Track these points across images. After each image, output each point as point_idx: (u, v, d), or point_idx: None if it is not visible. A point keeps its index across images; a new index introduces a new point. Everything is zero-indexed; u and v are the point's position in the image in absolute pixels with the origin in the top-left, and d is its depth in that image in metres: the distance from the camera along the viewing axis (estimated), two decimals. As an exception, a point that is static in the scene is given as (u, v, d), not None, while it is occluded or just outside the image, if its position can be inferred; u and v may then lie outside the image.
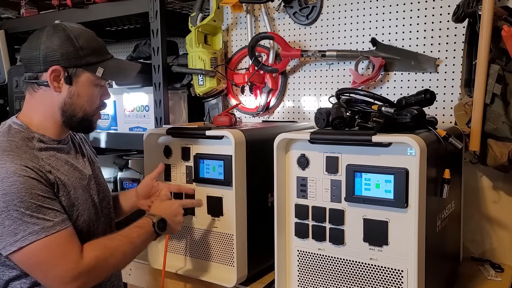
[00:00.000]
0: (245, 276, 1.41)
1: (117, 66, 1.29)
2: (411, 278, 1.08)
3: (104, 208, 1.32)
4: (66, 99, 1.21)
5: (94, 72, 1.21)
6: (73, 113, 1.22)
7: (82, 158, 1.31)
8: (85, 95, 1.22)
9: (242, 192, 1.38)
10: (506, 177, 1.53)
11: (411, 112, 1.15)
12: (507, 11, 1.41)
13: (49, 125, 1.22)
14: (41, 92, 1.21)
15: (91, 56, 1.21)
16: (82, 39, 1.20)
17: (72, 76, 1.19)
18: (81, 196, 1.21)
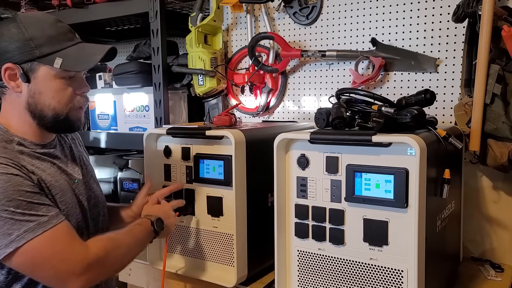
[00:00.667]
0: (245, 276, 1.41)
1: (80, 53, 1.11)
2: (411, 278, 1.08)
3: (94, 215, 1.24)
4: (28, 98, 1.08)
5: (51, 64, 1.06)
6: (42, 113, 1.09)
7: (72, 162, 1.22)
8: (49, 91, 1.08)
9: (242, 192, 1.38)
10: (506, 177, 1.53)
11: (411, 112, 1.15)
12: (507, 11, 1.41)
13: (27, 128, 1.11)
14: (8, 95, 1.10)
15: (45, 46, 1.06)
16: (33, 27, 1.06)
17: (27, 72, 1.06)
18: (70, 199, 1.13)
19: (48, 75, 1.07)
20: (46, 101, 1.08)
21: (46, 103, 1.08)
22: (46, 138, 1.15)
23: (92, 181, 1.27)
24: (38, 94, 1.08)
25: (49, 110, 1.09)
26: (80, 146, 1.32)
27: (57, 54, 1.06)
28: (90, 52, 1.13)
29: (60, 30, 1.10)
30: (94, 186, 1.28)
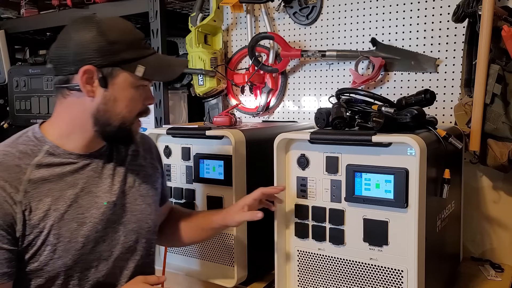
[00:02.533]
0: (245, 276, 1.41)
1: (160, 63, 1.06)
2: (411, 278, 1.08)
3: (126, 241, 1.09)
4: (100, 105, 0.99)
5: (133, 71, 0.99)
6: (108, 121, 1.01)
7: (110, 178, 1.07)
8: (123, 99, 1.00)
9: (242, 192, 1.38)
10: (506, 177, 1.53)
11: (411, 112, 1.15)
12: (507, 11, 1.41)
13: (74, 136, 1.03)
14: (71, 98, 1.01)
15: (128, 52, 0.99)
16: (114, 30, 0.98)
17: (107, 77, 0.98)
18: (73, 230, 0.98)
19: (126, 82, 1.00)
20: (117, 109, 1.00)
21: (117, 111, 1.01)
22: (93, 146, 1.06)
23: (139, 201, 1.13)
24: (112, 101, 1.00)
25: (117, 118, 1.01)
26: (143, 159, 1.19)
27: (139, 62, 1.00)
28: (170, 63, 1.10)
29: (138, 37, 1.03)
30: (140, 208, 1.13)
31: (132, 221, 1.10)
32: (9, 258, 0.92)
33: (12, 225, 0.92)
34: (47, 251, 0.96)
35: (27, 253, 0.95)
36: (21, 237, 0.93)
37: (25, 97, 2.29)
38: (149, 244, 1.15)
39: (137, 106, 1.04)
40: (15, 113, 2.35)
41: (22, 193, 0.94)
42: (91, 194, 1.03)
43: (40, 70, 2.23)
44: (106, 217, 1.04)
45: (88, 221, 1.01)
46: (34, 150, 1.00)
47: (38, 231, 0.95)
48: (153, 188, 1.18)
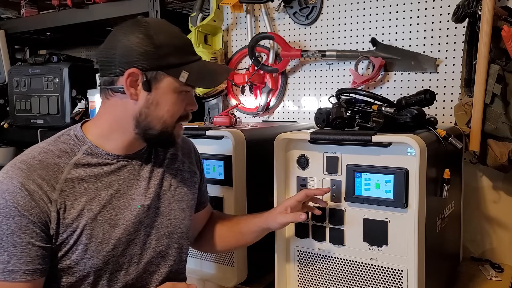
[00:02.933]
0: (245, 276, 1.41)
1: (204, 70, 1.05)
2: (411, 278, 1.08)
3: (158, 246, 1.08)
4: (142, 108, 0.99)
5: (177, 76, 0.99)
6: (150, 125, 1.01)
7: (147, 181, 1.07)
8: (166, 104, 1.00)
9: (242, 192, 1.38)
10: (506, 177, 1.53)
11: (411, 112, 1.15)
12: (507, 11, 1.41)
13: (114, 137, 1.03)
14: (115, 99, 1.01)
15: (173, 57, 0.98)
16: (162, 34, 0.98)
17: (151, 80, 0.98)
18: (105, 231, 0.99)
19: (170, 87, 0.99)
20: (159, 113, 1.00)
21: (159, 115, 1.00)
22: (132, 148, 1.06)
23: (173, 206, 1.12)
24: (154, 105, 0.99)
25: (159, 122, 1.01)
26: (181, 163, 1.17)
27: (184, 67, 0.99)
28: (214, 70, 1.09)
29: (185, 42, 1.03)
30: (174, 212, 1.11)
31: (165, 225, 1.09)
32: (41, 255, 0.93)
33: (46, 223, 0.93)
34: (79, 250, 0.96)
35: (60, 250, 0.96)
36: (55, 235, 0.94)
37: (25, 97, 2.29)
38: (181, 250, 1.14)
39: (178, 111, 1.03)
40: (15, 113, 2.35)
41: (58, 191, 0.95)
42: (125, 196, 1.03)
43: (40, 70, 2.23)
44: (139, 220, 1.04)
45: (120, 223, 1.01)
46: (73, 149, 1.01)
47: (72, 230, 0.95)
48: (189, 193, 1.17)
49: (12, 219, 0.90)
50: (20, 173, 0.93)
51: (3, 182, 0.92)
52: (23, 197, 0.91)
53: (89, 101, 2.09)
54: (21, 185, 0.91)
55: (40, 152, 0.98)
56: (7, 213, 0.90)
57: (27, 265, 0.91)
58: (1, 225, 0.90)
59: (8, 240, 0.90)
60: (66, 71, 2.16)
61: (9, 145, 2.49)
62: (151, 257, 1.07)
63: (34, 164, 0.95)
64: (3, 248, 0.90)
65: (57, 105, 2.18)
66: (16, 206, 0.90)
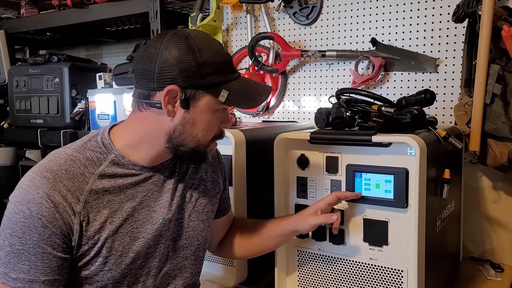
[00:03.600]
0: (245, 276, 1.41)
1: (244, 89, 1.00)
2: (411, 278, 1.08)
3: (176, 258, 1.07)
4: (178, 126, 0.96)
5: (217, 95, 0.95)
6: (183, 142, 0.98)
7: (170, 193, 1.04)
8: (202, 123, 0.96)
9: (242, 192, 1.38)
10: (506, 177, 1.53)
11: (411, 112, 1.15)
12: (507, 11, 1.41)
13: (142, 148, 1.00)
14: (149, 112, 0.97)
15: (215, 75, 0.94)
16: (206, 52, 0.93)
17: (190, 99, 0.94)
18: (126, 244, 0.97)
19: (207, 106, 0.95)
20: (194, 132, 0.97)
21: (193, 134, 0.97)
22: (158, 160, 1.03)
23: (193, 217, 1.09)
24: (191, 123, 0.96)
25: (193, 141, 0.98)
26: (205, 172, 1.14)
27: (224, 87, 0.95)
28: (254, 91, 1.03)
29: (226, 59, 0.99)
30: (193, 224, 1.09)
31: (183, 237, 1.08)
32: (61, 266, 0.93)
33: (69, 235, 0.92)
34: (98, 262, 0.96)
35: (80, 261, 0.96)
36: (77, 246, 0.94)
37: (25, 97, 2.29)
38: (197, 261, 1.13)
39: (213, 130, 1.00)
40: (15, 113, 2.35)
41: (82, 203, 0.93)
42: (148, 208, 1.01)
43: (40, 70, 2.23)
44: (160, 233, 1.02)
45: (141, 236, 0.99)
46: (100, 158, 0.98)
47: (93, 243, 0.94)
48: (210, 203, 1.14)
49: (36, 229, 0.89)
50: (47, 183, 0.91)
51: (29, 191, 0.90)
52: (48, 209, 0.89)
53: (89, 101, 2.09)
54: (47, 196, 0.90)
55: (67, 160, 0.96)
56: (30, 224, 0.89)
57: (46, 276, 0.91)
58: (24, 235, 0.89)
59: (30, 250, 0.89)
60: (66, 71, 2.15)
61: (9, 145, 2.49)
62: (168, 269, 1.06)
63: (61, 173, 0.93)
64: (25, 257, 0.90)
65: (57, 105, 2.18)
66: (41, 217, 0.89)
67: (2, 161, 2.43)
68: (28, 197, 0.90)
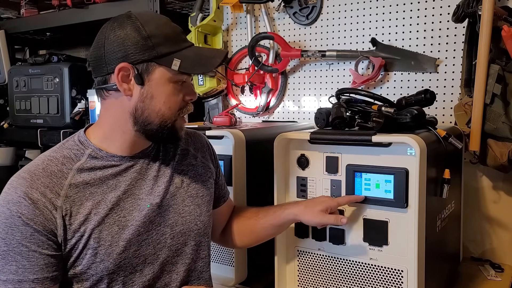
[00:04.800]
0: (245, 276, 1.41)
1: (197, 55, 1.00)
2: (411, 278, 1.08)
3: (173, 244, 1.05)
4: (138, 103, 0.96)
5: (169, 65, 0.95)
6: (148, 119, 0.97)
7: (154, 180, 1.04)
8: (161, 96, 0.96)
9: (242, 192, 1.38)
10: (506, 177, 1.53)
11: (411, 112, 1.15)
12: (507, 11, 1.41)
13: (116, 138, 1.00)
14: (111, 99, 0.99)
15: (164, 46, 0.95)
16: (150, 24, 0.95)
17: (142, 73, 0.95)
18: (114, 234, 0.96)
19: (163, 77, 0.96)
20: (156, 107, 0.97)
21: (156, 109, 0.97)
22: (136, 148, 1.03)
23: (187, 202, 1.09)
24: (149, 98, 0.96)
25: (157, 116, 0.97)
26: (194, 158, 1.14)
27: (175, 55, 0.95)
28: (208, 55, 1.02)
29: (175, 30, 0.99)
30: (189, 209, 1.09)
31: (180, 223, 1.06)
32: (50, 263, 0.92)
33: (52, 231, 0.92)
34: (89, 254, 0.95)
35: (71, 256, 0.95)
36: (63, 241, 0.93)
37: (25, 97, 2.29)
38: (199, 247, 1.11)
39: (176, 102, 0.99)
40: (15, 113, 2.35)
41: (63, 198, 0.93)
42: (133, 196, 1.01)
43: (40, 70, 2.23)
44: (149, 219, 1.01)
45: (130, 224, 0.99)
46: (77, 154, 0.99)
47: (79, 235, 0.94)
48: (204, 188, 1.13)
49: (17, 228, 0.89)
50: (24, 183, 0.92)
51: (8, 193, 0.92)
52: (27, 206, 0.90)
53: (89, 101, 2.09)
54: (24, 194, 0.91)
55: (44, 160, 0.97)
56: (12, 223, 0.89)
57: (35, 274, 0.90)
58: (7, 235, 0.89)
59: (15, 250, 0.90)
60: (66, 71, 2.16)
61: (9, 145, 2.50)
62: (167, 256, 1.04)
63: (38, 172, 0.94)
64: (11, 258, 0.90)
65: (57, 105, 2.18)
66: (20, 215, 0.89)
67: (1, 161, 2.43)
68: (7, 198, 0.91)
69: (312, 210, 1.13)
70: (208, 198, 1.15)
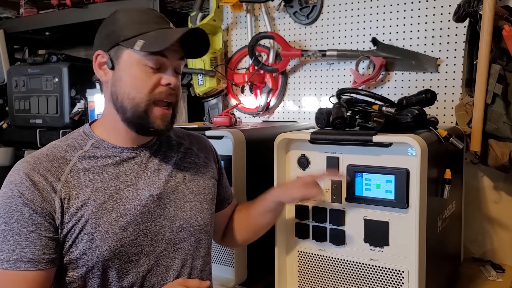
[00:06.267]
0: (245, 276, 1.40)
1: (161, 34, 0.99)
2: (412, 278, 1.08)
3: (172, 238, 1.05)
4: (111, 88, 1.00)
5: (132, 46, 0.96)
6: (123, 105, 0.99)
7: (155, 172, 1.05)
8: (129, 77, 0.97)
9: (242, 193, 1.38)
10: (507, 178, 1.53)
11: (412, 112, 1.14)
12: (508, 11, 1.40)
13: (114, 129, 1.03)
14: (104, 90, 1.05)
15: (130, 29, 0.98)
16: (126, 15, 1.01)
17: (113, 58, 0.99)
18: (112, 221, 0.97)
19: (130, 60, 0.98)
20: (126, 89, 0.98)
21: (126, 92, 0.98)
22: (138, 140, 1.05)
23: (189, 198, 1.09)
24: (118, 81, 0.99)
25: (128, 100, 0.98)
26: (196, 157, 1.16)
27: (140, 37, 0.97)
28: (172, 33, 0.99)
29: (149, 16, 1.02)
30: (190, 204, 1.09)
31: (180, 217, 1.07)
32: (47, 245, 0.93)
33: (51, 213, 0.94)
34: (85, 240, 0.96)
35: (67, 241, 0.96)
36: (60, 225, 0.95)
37: (24, 97, 2.28)
38: (198, 244, 1.10)
39: (145, 86, 0.97)
40: (14, 113, 2.34)
41: (62, 182, 0.96)
42: (134, 186, 1.02)
43: (39, 70, 2.22)
44: (148, 210, 1.02)
45: (128, 213, 0.99)
46: (81, 143, 1.03)
47: (77, 219, 0.95)
48: (206, 186, 1.14)
49: (17, 208, 0.92)
50: (27, 166, 0.96)
51: (11, 175, 0.96)
52: (28, 187, 0.93)
53: (88, 101, 2.09)
54: (26, 176, 0.94)
55: (49, 147, 1.01)
56: (12, 203, 0.92)
57: (31, 255, 0.92)
58: (7, 215, 0.92)
59: (14, 229, 0.92)
60: (65, 71, 2.15)
61: (8, 145, 2.49)
62: (164, 249, 1.04)
63: (41, 157, 0.98)
64: (9, 237, 0.91)
65: (56, 105, 2.18)
66: (21, 195, 0.92)
67: (1, 161, 2.42)
68: (11, 179, 0.95)
69: (290, 188, 1.17)
70: (210, 196, 1.15)
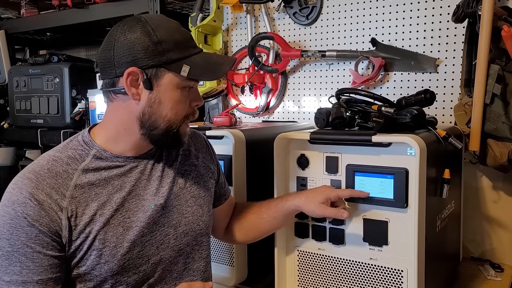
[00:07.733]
0: (245, 276, 1.41)
1: (206, 62, 1.00)
2: (411, 278, 1.08)
3: (177, 245, 1.06)
4: (145, 108, 0.97)
5: (178, 71, 0.95)
6: (154, 124, 0.98)
7: (159, 180, 1.05)
8: (169, 101, 0.97)
9: (242, 192, 1.38)
10: (506, 177, 1.53)
11: (411, 112, 1.15)
12: (507, 11, 1.41)
13: (121, 139, 1.01)
14: (118, 101, 0.99)
15: (174, 52, 0.95)
16: (161, 29, 0.95)
17: (151, 78, 0.95)
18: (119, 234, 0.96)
19: (171, 83, 0.96)
20: (163, 112, 0.97)
21: (163, 114, 0.97)
22: (141, 149, 1.04)
23: (190, 203, 1.09)
24: (157, 103, 0.96)
25: (164, 121, 0.98)
26: (195, 158, 1.15)
27: (184, 61, 0.96)
28: (217, 61, 1.03)
29: (185, 36, 0.99)
30: (192, 209, 1.09)
31: (183, 223, 1.07)
32: (54, 264, 0.92)
33: (57, 232, 0.92)
34: (93, 256, 0.95)
35: (75, 257, 0.95)
36: (68, 242, 0.93)
37: (25, 97, 2.29)
38: (200, 247, 1.12)
39: (183, 108, 1.00)
40: (15, 113, 2.35)
41: (68, 199, 0.93)
42: (138, 197, 1.01)
43: (40, 70, 2.23)
44: (153, 220, 1.01)
45: (134, 225, 0.99)
46: (82, 154, 0.99)
47: (85, 236, 0.94)
48: (205, 188, 1.15)
49: (22, 229, 0.89)
50: (29, 183, 0.92)
51: (13, 193, 0.92)
52: (32, 207, 0.90)
53: (89, 101, 2.09)
54: (31, 195, 0.90)
55: (49, 160, 0.97)
56: (17, 224, 0.89)
57: (39, 275, 0.90)
58: (12, 236, 0.89)
59: (20, 251, 0.89)
60: (66, 71, 2.16)
61: (9, 145, 2.49)
62: (169, 256, 1.05)
63: (43, 173, 0.94)
64: (15, 259, 0.89)
65: (57, 105, 2.18)
66: (26, 216, 0.89)
67: (2, 161, 2.43)
68: (13, 198, 0.91)
69: (313, 201, 1.14)
70: (209, 198, 1.16)
